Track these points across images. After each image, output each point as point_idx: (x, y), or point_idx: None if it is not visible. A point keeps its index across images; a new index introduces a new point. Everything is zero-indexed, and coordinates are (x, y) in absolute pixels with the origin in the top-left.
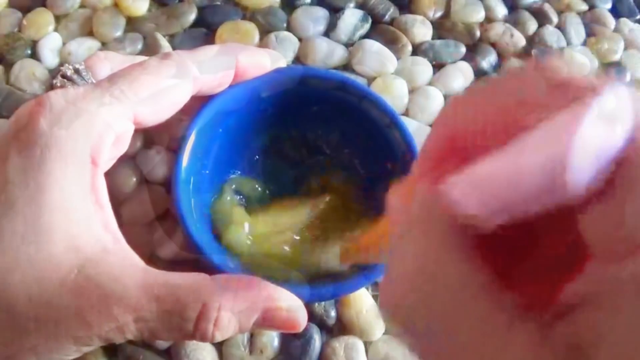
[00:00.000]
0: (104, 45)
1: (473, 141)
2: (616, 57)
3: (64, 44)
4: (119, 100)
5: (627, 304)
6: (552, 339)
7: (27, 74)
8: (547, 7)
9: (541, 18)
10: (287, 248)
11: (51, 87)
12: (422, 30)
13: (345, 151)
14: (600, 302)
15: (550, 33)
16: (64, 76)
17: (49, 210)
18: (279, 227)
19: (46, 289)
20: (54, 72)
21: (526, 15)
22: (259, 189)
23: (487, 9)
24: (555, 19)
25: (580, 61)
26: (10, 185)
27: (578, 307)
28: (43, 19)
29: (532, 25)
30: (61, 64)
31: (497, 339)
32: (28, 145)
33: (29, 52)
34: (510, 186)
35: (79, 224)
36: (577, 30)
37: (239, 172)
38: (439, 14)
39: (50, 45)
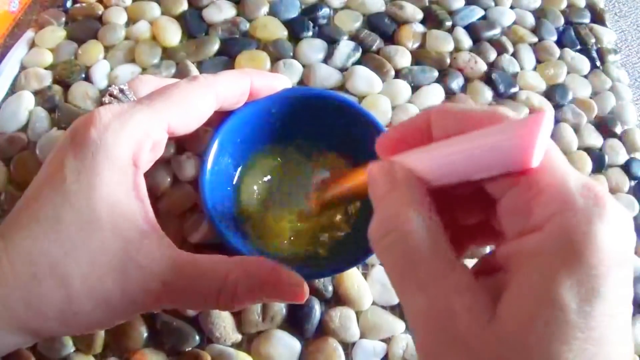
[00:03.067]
0: (144, 70)
1: (440, 131)
2: (560, 80)
3: (111, 69)
4: (156, 114)
5: (523, 268)
6: (481, 282)
7: (82, 94)
8: (504, 39)
9: (499, 48)
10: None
11: (101, 103)
12: (402, 58)
13: (339, 153)
14: (509, 266)
15: (507, 60)
16: (111, 95)
17: (98, 204)
18: None
19: (97, 268)
20: (103, 92)
21: (487, 46)
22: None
23: (456, 40)
24: (511, 48)
25: (531, 82)
26: (67, 183)
27: (500, 268)
28: (95, 49)
29: (492, 54)
30: (109, 85)
31: (440, 270)
32: (81, 150)
33: (83, 75)
34: (466, 159)
35: (123, 215)
36: (528, 58)
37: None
38: (416, 44)
39: (101, 70)
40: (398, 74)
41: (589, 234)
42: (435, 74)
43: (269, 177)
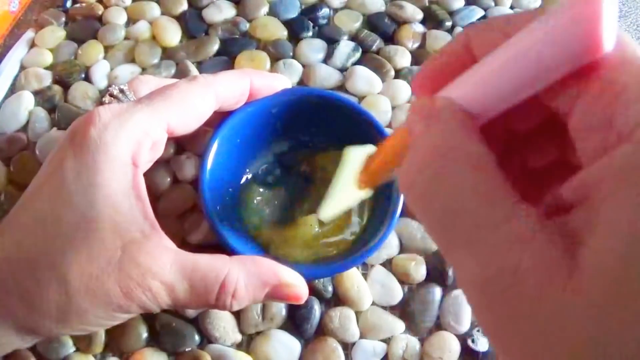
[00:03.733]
0: (144, 70)
1: (482, 49)
2: None
3: (111, 69)
4: (155, 113)
5: (611, 196)
6: (552, 226)
7: (81, 94)
8: None
9: None
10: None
11: (101, 103)
12: (402, 58)
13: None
14: (590, 198)
15: None
16: (111, 95)
17: (98, 203)
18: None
19: (96, 266)
20: (103, 92)
21: None
22: (271, 179)
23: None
24: None
25: None
26: (67, 183)
27: (574, 206)
28: (95, 49)
29: None
30: (109, 85)
31: (498, 214)
32: (81, 149)
33: (83, 76)
34: (505, 75)
35: (123, 214)
36: None
37: (253, 174)
38: (416, 45)
39: (100, 70)
40: (398, 74)
41: None
42: None
43: (269, 177)
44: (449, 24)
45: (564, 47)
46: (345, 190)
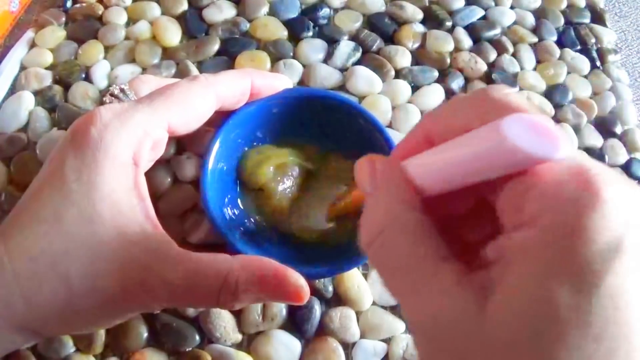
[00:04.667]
0: (144, 70)
1: (437, 138)
2: (560, 80)
3: (111, 69)
4: (156, 113)
5: (518, 260)
6: (470, 280)
7: (82, 94)
8: (504, 39)
9: (500, 48)
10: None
11: (101, 103)
12: (403, 58)
13: (339, 152)
14: (502, 261)
15: (507, 60)
16: (112, 94)
17: (99, 202)
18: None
19: (97, 265)
20: (103, 92)
21: (487, 46)
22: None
23: (456, 41)
24: (511, 49)
25: (531, 82)
26: (68, 182)
27: (493, 263)
28: (95, 49)
29: (492, 54)
30: (109, 85)
31: (428, 270)
32: (82, 149)
33: (83, 75)
34: (454, 165)
35: (124, 213)
36: (528, 58)
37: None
38: (417, 45)
39: (101, 70)
40: (398, 74)
41: (580, 226)
42: (436, 74)
43: (269, 177)
44: (449, 24)
45: (489, 161)
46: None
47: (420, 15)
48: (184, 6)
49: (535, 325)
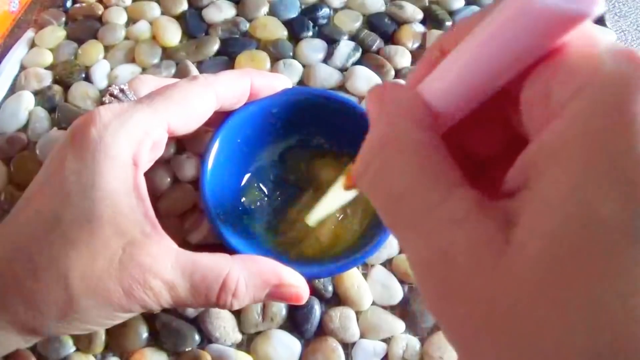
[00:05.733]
0: (144, 70)
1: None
2: None
3: (111, 69)
4: (156, 113)
5: (547, 171)
6: (491, 208)
7: (82, 94)
8: None
9: None
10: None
11: (101, 103)
12: (402, 58)
13: (339, 152)
14: (528, 178)
15: None
16: (111, 95)
17: (99, 203)
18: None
19: (97, 265)
20: (103, 92)
21: None
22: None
23: None
24: None
25: None
26: (67, 183)
27: (518, 189)
28: (95, 49)
29: None
30: (109, 85)
31: (437, 196)
32: (82, 149)
33: (83, 75)
34: (474, 59)
35: (123, 214)
36: None
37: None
38: (416, 44)
39: (101, 70)
40: (398, 74)
41: (628, 112)
42: None
43: (269, 177)
44: (449, 24)
45: (514, 39)
46: (333, 196)
47: (420, 15)
48: (184, 6)
49: (576, 245)
